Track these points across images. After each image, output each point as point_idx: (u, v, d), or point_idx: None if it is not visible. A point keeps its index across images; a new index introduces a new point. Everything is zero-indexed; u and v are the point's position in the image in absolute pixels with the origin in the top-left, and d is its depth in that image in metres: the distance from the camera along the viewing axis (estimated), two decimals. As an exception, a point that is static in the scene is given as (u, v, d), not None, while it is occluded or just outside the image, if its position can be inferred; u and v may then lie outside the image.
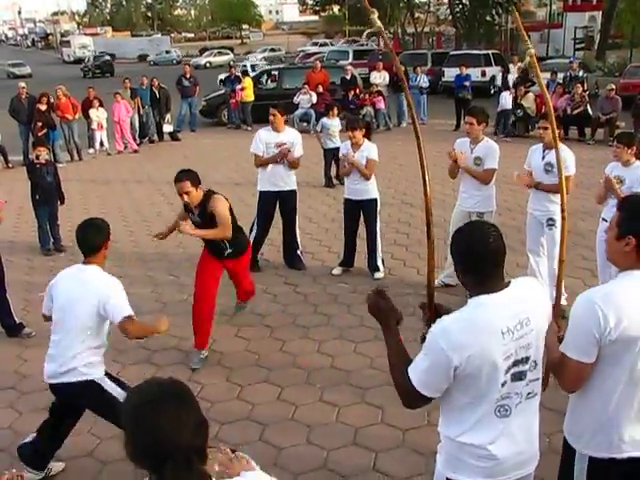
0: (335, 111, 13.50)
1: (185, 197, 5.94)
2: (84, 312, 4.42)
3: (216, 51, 61.66)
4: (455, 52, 31.29)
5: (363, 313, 7.26)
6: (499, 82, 21.60)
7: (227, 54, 59.89)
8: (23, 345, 7.19)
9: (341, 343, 6.69)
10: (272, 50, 60.59)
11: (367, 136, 8.43)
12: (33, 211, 10.34)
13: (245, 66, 31.54)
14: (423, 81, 21.19)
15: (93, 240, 4.57)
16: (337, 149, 12.94)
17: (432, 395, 2.77)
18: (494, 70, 26.05)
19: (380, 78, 21.32)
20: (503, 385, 2.74)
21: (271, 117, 8.47)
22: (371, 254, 8.49)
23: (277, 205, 8.77)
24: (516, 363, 2.76)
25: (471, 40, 42.69)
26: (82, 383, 4.52)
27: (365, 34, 44.49)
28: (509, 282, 2.82)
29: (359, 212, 8.43)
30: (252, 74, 24.49)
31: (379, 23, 3.26)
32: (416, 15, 50.07)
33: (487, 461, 2.80)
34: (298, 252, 8.99)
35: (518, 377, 2.78)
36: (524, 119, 18.18)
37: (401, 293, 7.61)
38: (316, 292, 8.00)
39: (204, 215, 6.11)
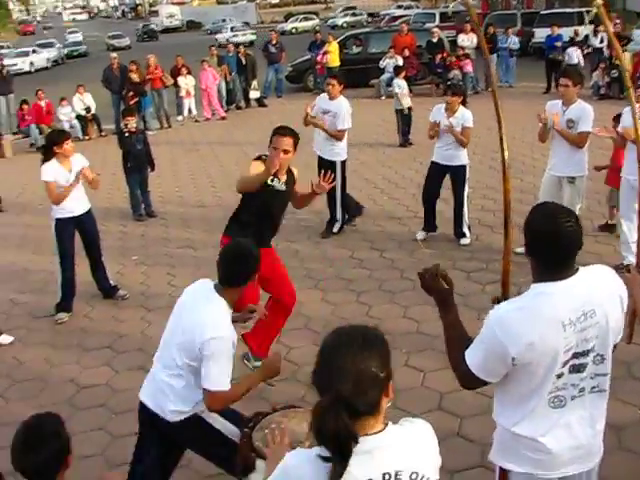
0: (403, 72, 13.96)
1: (282, 155, 5.24)
2: None
3: (301, 16, 61.21)
4: (546, 11, 30.16)
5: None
6: (594, 42, 20.68)
7: (312, 19, 59.42)
8: (118, 307, 7.49)
9: (427, 308, 6.61)
10: (354, 14, 59.82)
11: (463, 102, 8.36)
12: (125, 178, 10.66)
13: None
14: (513, 43, 20.53)
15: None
16: (401, 110, 13.80)
17: (490, 380, 2.68)
18: (588, 29, 25.01)
19: (468, 41, 20.79)
20: (559, 377, 2.63)
21: (329, 86, 8.68)
22: (457, 220, 8.39)
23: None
24: (576, 355, 2.63)
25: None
26: None
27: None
28: (577, 269, 2.65)
29: (443, 176, 8.35)
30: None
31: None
32: (505, -27, 48.34)
33: (540, 453, 2.70)
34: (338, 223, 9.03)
35: (577, 369, 2.65)
36: (619, 79, 17.46)
37: (489, 259, 7.53)
38: (402, 258, 7.97)
39: (289, 183, 5.53)
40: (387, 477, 1.96)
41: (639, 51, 18.44)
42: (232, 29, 50.89)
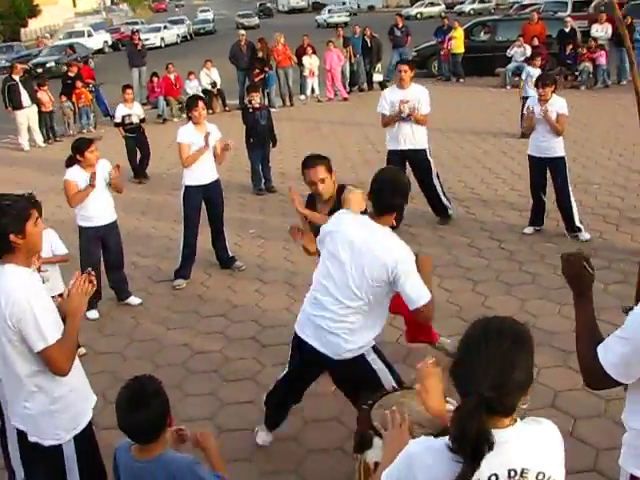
0: (539, 60, 13.13)
1: (319, 187, 4.89)
2: None
3: (427, 2, 60.43)
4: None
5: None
6: None
7: (438, 4, 58.51)
8: (234, 277, 7.64)
9: (545, 303, 6.44)
10: (482, 1, 58.41)
11: (554, 91, 8.02)
12: (247, 153, 10.83)
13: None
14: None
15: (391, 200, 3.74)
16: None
17: (624, 380, 2.45)
18: None
19: (602, 31, 19.90)
20: None
21: (402, 73, 8.32)
22: (566, 215, 8.04)
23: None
24: None
25: None
26: None
27: None
28: None
29: (544, 169, 8.02)
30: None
31: None
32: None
33: None
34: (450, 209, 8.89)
35: None
36: None
37: (613, 259, 7.21)
38: (522, 250, 7.73)
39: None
40: (512, 474, 1.91)
41: None
42: (329, 11, 52.09)
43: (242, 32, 19.21)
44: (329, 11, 52.40)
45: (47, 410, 3.22)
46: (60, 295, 4.92)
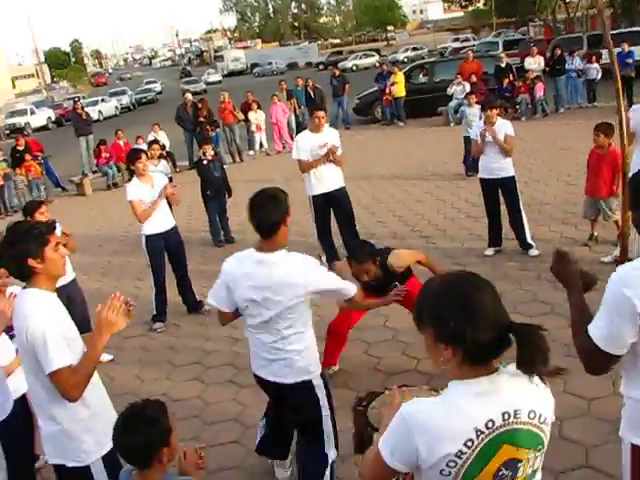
0: (474, 98, 13.26)
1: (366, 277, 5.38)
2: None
3: (362, 54, 62.10)
4: (614, 31, 29.72)
5: (535, 288, 7.09)
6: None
7: (373, 56, 60.18)
8: (204, 325, 7.64)
9: (515, 317, 6.45)
10: (414, 49, 60.31)
11: (500, 115, 8.35)
12: (204, 206, 10.88)
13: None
14: (578, 64, 20.29)
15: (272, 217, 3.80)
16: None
17: (617, 352, 2.52)
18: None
19: (535, 63, 20.67)
20: None
21: (319, 120, 8.40)
22: (519, 232, 8.28)
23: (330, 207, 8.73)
24: None
25: (630, 19, 40.48)
26: None
27: None
28: None
29: (497, 190, 8.24)
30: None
31: None
32: (568, 0, 48.07)
33: None
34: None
35: None
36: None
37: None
38: (486, 270, 7.77)
39: (389, 279, 5.54)
40: (506, 417, 1.94)
41: None
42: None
43: (188, 95, 19.44)
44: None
45: (69, 431, 3.24)
46: None
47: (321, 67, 61.06)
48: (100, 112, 41.39)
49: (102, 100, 44.00)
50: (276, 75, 60.35)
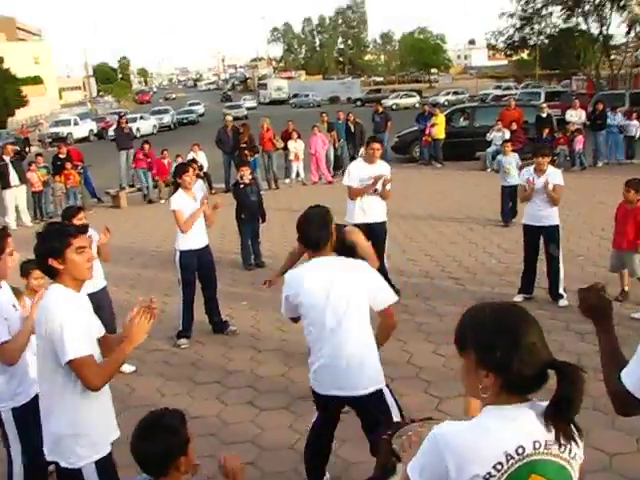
0: (510, 147, 13.22)
1: None
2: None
3: (403, 93, 62.56)
4: (656, 92, 29.74)
5: (562, 338, 7.04)
6: None
7: (414, 96, 60.59)
8: (228, 346, 7.66)
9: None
10: (455, 93, 60.63)
11: (552, 162, 8.37)
12: (237, 229, 10.97)
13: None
14: (620, 120, 20.26)
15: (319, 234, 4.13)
16: (513, 187, 12.41)
17: None
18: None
19: (576, 116, 20.69)
20: None
21: (374, 151, 8.47)
22: (553, 281, 8.29)
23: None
24: None
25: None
26: None
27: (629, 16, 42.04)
28: None
29: (539, 238, 8.29)
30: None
31: (637, 10, 3.22)
32: (612, 57, 48.02)
33: None
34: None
35: None
36: None
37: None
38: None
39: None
40: (537, 445, 1.97)
41: None
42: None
43: (229, 117, 19.69)
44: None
45: (67, 432, 3.31)
46: None
47: (358, 103, 61.26)
48: (138, 129, 41.41)
49: (141, 117, 44.48)
50: (312, 107, 61.32)
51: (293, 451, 5.29)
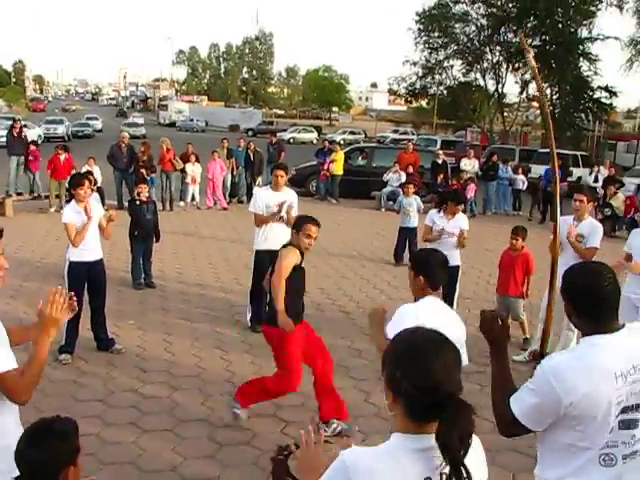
0: (412, 189, 13.55)
1: (313, 243, 5.86)
2: None
3: (301, 128, 63.39)
4: (543, 150, 31.32)
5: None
6: (589, 180, 21.67)
7: (312, 132, 61.48)
8: (112, 364, 7.44)
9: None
10: (352, 132, 61.98)
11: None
12: (130, 246, 10.73)
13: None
14: (510, 173, 21.27)
15: None
16: (411, 229, 12.91)
17: (534, 428, 2.68)
18: (581, 171, 26.11)
19: (470, 165, 21.58)
20: (610, 432, 2.62)
21: (278, 178, 8.60)
22: None
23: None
24: (625, 410, 2.63)
25: (558, 142, 42.53)
26: None
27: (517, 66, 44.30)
28: (624, 325, 2.74)
29: None
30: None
31: (534, 63, 3.41)
32: (505, 114, 50.44)
33: None
34: None
35: (627, 425, 2.65)
36: (612, 218, 18.03)
37: (487, 363, 7.53)
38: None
39: None
40: (444, 478, 1.96)
41: (631, 196, 19.28)
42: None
43: (125, 133, 19.30)
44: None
45: None
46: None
47: (250, 133, 60.52)
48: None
49: (25, 125, 42.45)
50: (196, 132, 62.22)
51: (175, 474, 5.19)
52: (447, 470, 1.92)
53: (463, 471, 1.89)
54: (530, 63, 3.89)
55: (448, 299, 8.48)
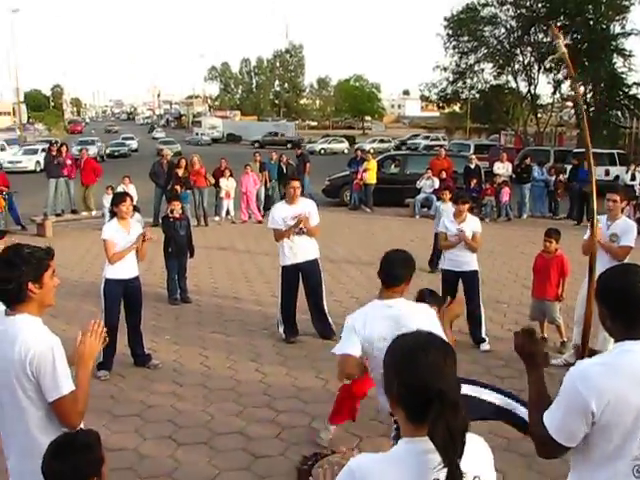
0: (447, 194, 13.46)
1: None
2: None
3: (332, 138, 63.52)
4: (579, 149, 30.99)
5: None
6: (626, 179, 21.33)
7: (342, 142, 61.57)
8: (149, 379, 7.53)
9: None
10: (382, 141, 61.92)
11: (470, 210, 8.82)
12: (165, 262, 10.87)
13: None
14: (544, 175, 21.03)
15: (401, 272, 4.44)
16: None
17: (566, 443, 2.57)
18: (618, 170, 25.68)
19: (503, 169, 21.41)
20: None
21: (293, 190, 8.57)
22: (475, 324, 8.51)
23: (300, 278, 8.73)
24: None
25: (594, 141, 41.87)
26: None
27: (549, 59, 43.97)
28: None
29: (457, 283, 8.60)
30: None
31: (564, 49, 3.39)
32: (539, 115, 49.89)
33: None
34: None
35: None
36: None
37: (523, 369, 7.45)
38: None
39: None
40: None
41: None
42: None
43: (167, 150, 19.60)
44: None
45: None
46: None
47: (256, 145, 59.84)
48: (38, 163, 36.16)
49: (61, 146, 42.63)
50: (201, 146, 63.15)
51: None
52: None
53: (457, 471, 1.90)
54: (560, 49, 3.87)
55: (472, 308, 8.43)
